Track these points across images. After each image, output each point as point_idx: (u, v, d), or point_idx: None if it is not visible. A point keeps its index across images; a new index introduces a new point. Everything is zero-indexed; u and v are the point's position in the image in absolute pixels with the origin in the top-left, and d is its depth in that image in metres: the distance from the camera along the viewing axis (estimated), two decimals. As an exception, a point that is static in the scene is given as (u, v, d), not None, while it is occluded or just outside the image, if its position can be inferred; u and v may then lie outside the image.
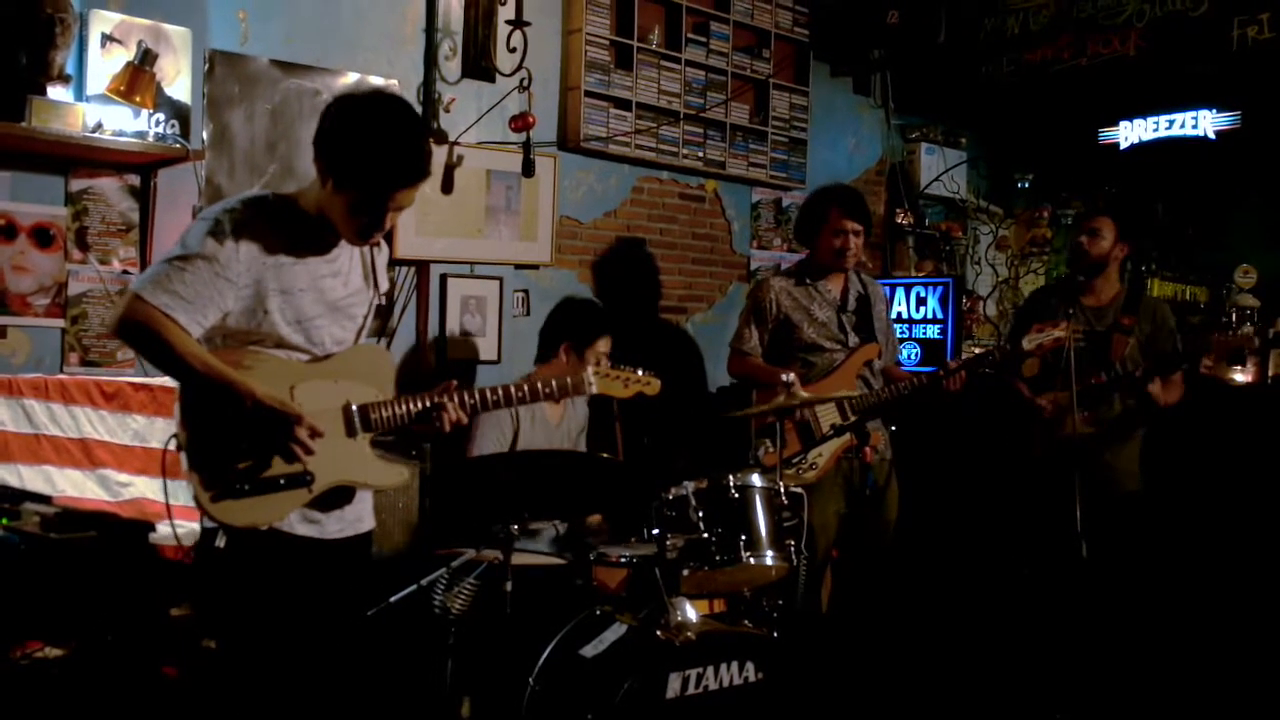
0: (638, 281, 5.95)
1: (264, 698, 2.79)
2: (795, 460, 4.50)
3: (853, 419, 4.48)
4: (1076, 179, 7.52)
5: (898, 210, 7.30)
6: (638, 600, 3.79)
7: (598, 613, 3.66)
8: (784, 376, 4.39)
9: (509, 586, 3.49)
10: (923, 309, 6.56)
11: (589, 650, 3.50)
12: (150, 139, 4.09)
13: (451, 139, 4.98)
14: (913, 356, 6.47)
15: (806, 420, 4.60)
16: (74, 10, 3.96)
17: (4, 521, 3.16)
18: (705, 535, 3.81)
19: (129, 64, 4.11)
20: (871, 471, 4.44)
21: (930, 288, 6.60)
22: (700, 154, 6.13)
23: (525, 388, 3.16)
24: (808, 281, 4.79)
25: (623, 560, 3.88)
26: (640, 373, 3.45)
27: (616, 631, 3.54)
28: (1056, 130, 7.44)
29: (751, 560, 3.85)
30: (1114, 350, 4.68)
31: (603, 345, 4.42)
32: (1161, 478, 4.85)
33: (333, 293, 2.82)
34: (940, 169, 7.34)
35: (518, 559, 3.59)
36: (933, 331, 6.50)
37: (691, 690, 3.45)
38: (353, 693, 2.91)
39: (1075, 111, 7.28)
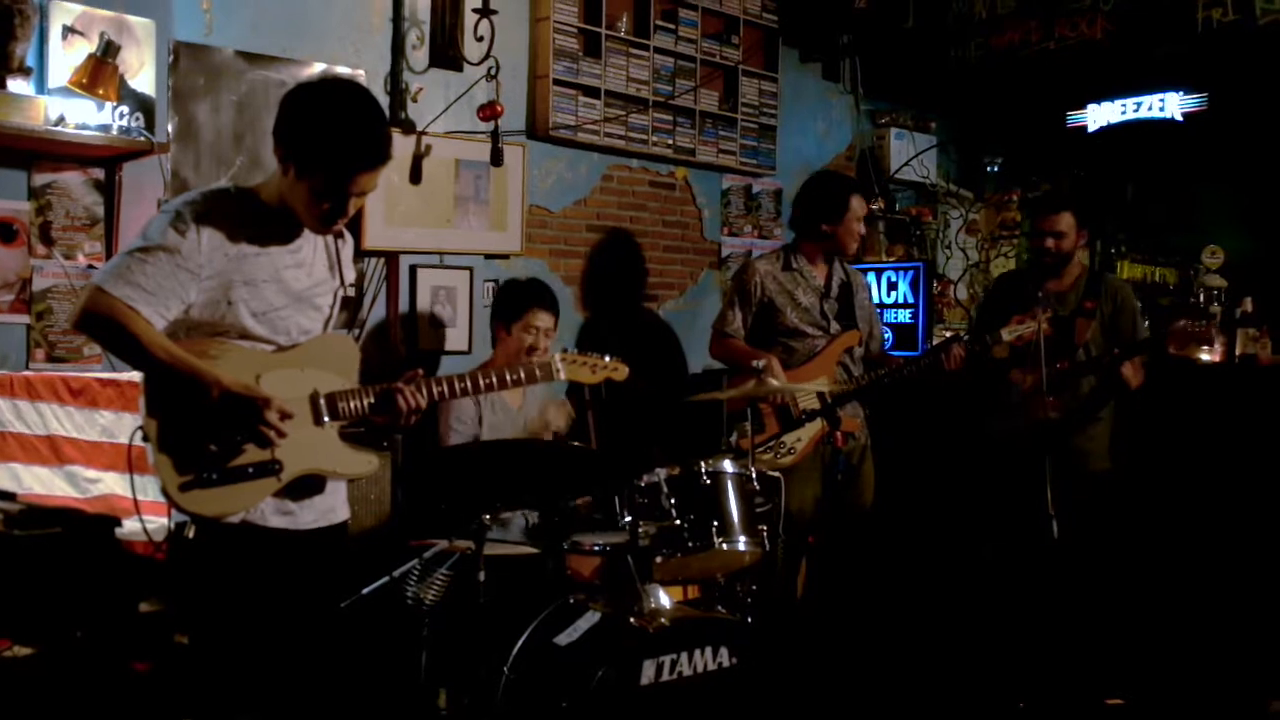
0: (609, 270, 5.94)
1: (237, 692, 2.78)
2: (772, 444, 4.51)
3: (825, 405, 4.49)
4: (1045, 162, 7.55)
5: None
6: (611, 588, 3.80)
7: (571, 601, 3.66)
8: (755, 363, 4.40)
9: (482, 576, 3.49)
10: (894, 294, 6.58)
11: (563, 639, 3.51)
12: (114, 132, 4.05)
13: (419, 129, 4.96)
14: (884, 341, 6.49)
15: (786, 404, 4.61)
16: (33, 2, 3.92)
17: (-31, 520, 3.15)
18: (678, 522, 3.82)
19: (91, 56, 4.07)
20: (843, 455, 4.45)
21: (901, 272, 6.61)
22: (670, 141, 6.11)
23: (493, 376, 3.15)
24: (794, 266, 4.80)
25: (595, 548, 3.89)
26: (607, 359, 3.46)
27: (590, 619, 3.55)
28: (1025, 114, 7.45)
29: (724, 546, 3.85)
30: (1078, 334, 4.72)
31: (537, 320, 4.42)
32: (1131, 457, 4.89)
33: (296, 283, 2.81)
34: (910, 154, 7.35)
35: (490, 549, 3.59)
36: (904, 316, 6.52)
37: (665, 677, 3.46)
38: (327, 686, 2.91)
39: (1043, 95, 7.30)
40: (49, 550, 3.09)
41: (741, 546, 3.89)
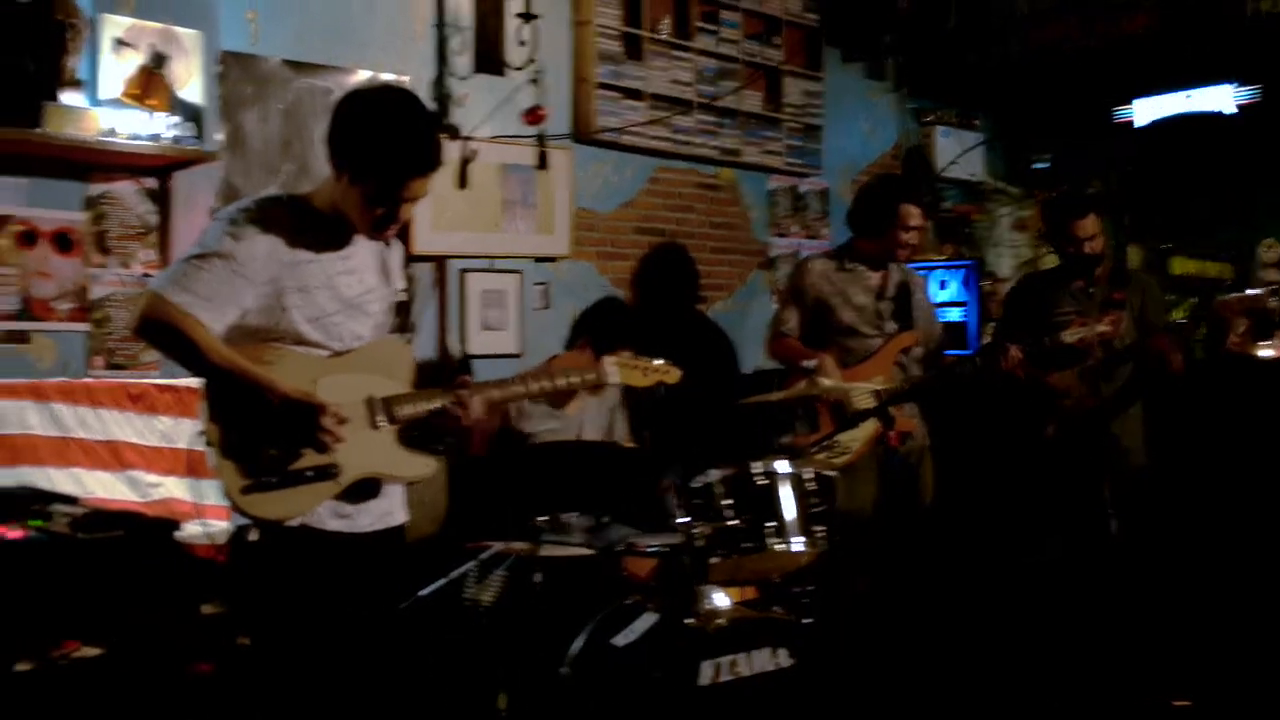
0: (657, 271, 5.93)
1: (297, 694, 2.79)
2: (827, 444, 4.48)
3: (878, 404, 4.46)
4: (1094, 158, 7.47)
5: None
6: (668, 589, 3.78)
7: (628, 602, 3.65)
8: (805, 363, 4.37)
9: (538, 578, 3.49)
10: (945, 292, 6.53)
11: (621, 639, 3.50)
12: (165, 142, 4.09)
13: (465, 134, 4.97)
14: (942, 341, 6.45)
15: (840, 404, 4.57)
16: (85, 15, 3.96)
17: (36, 523, 3.17)
18: (733, 523, 3.79)
19: (141, 67, 4.11)
20: (899, 455, 4.41)
21: (951, 271, 6.56)
22: (715, 143, 6.10)
23: (546, 382, 3.15)
24: (849, 266, 4.77)
25: (651, 550, 3.87)
26: (659, 362, 3.45)
27: (647, 620, 3.53)
28: (1071, 109, 7.38)
29: (779, 547, 3.82)
30: (1117, 325, 4.67)
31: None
32: (1181, 452, 4.84)
33: (348, 290, 2.82)
34: (956, 152, 7.30)
35: (546, 550, 3.58)
36: (955, 315, 6.47)
37: (724, 677, 3.45)
38: (387, 688, 2.90)
39: (1089, 90, 7.22)
40: (111, 553, 3.13)
41: (797, 547, 3.86)
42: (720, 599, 3.65)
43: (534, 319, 5.33)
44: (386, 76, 4.76)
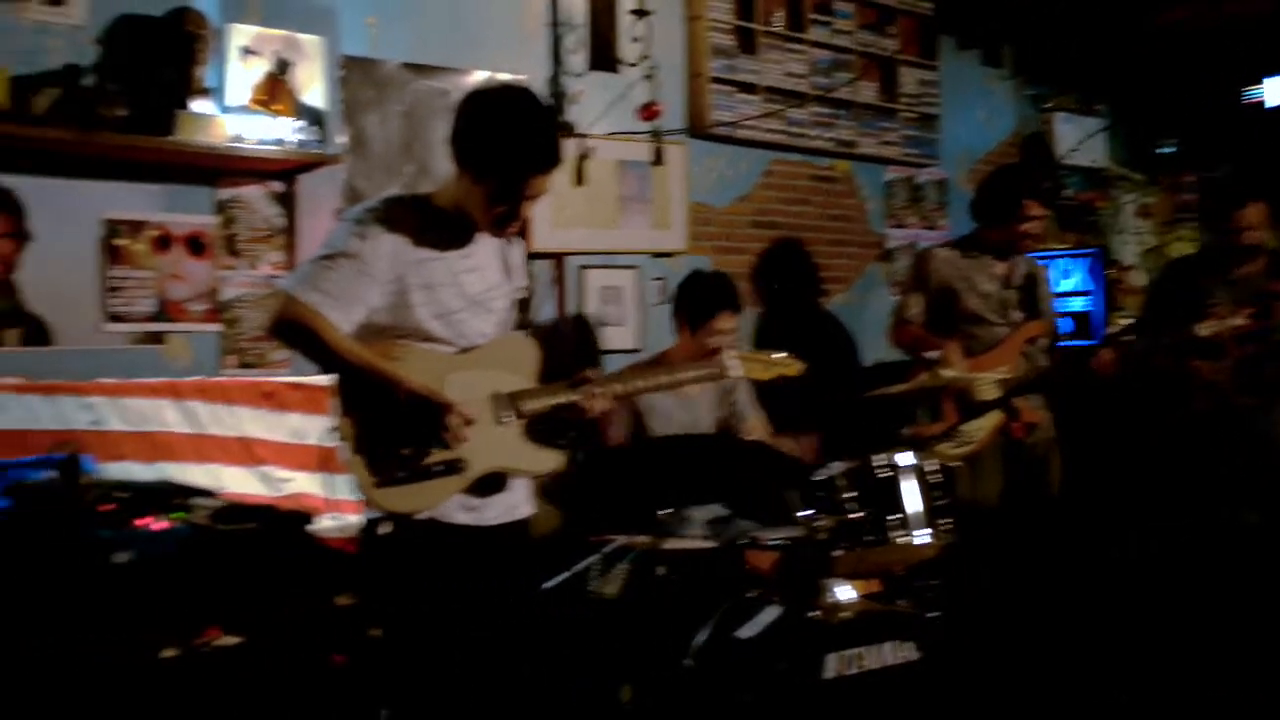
0: (774, 265, 5.91)
1: (429, 684, 2.83)
2: (950, 435, 4.42)
3: (1003, 394, 4.40)
4: (1222, 141, 7.25)
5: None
6: (791, 582, 3.76)
7: (751, 595, 3.64)
8: (929, 353, 4.32)
9: (662, 571, 3.49)
10: (1069, 281, 6.39)
11: (745, 632, 3.49)
12: (290, 146, 4.18)
13: (581, 131, 5.00)
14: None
15: (964, 394, 4.51)
16: (213, 26, 4.07)
17: (178, 515, 3.27)
18: (855, 516, 3.76)
19: (267, 74, 4.22)
20: (1025, 446, 4.35)
21: (1075, 260, 6.43)
22: (830, 135, 6.07)
23: (668, 376, 3.17)
24: (974, 254, 4.71)
25: (773, 543, 3.85)
26: (781, 355, 3.43)
27: (771, 613, 3.52)
28: (1197, 92, 7.18)
29: (902, 539, 3.78)
30: (1274, 316, 4.51)
31: (722, 323, 4.32)
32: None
33: (471, 287, 2.85)
34: (1078, 138, 7.15)
35: (669, 543, 3.59)
36: (1081, 304, 6.33)
37: (849, 671, 3.42)
38: (513, 679, 2.94)
39: (1215, 71, 7.02)
40: (248, 544, 3.21)
41: (921, 539, 3.81)
42: (844, 592, 3.62)
43: (651, 314, 5.34)
44: (503, 76, 4.80)
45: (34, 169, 3.86)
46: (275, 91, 4.22)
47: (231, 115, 4.09)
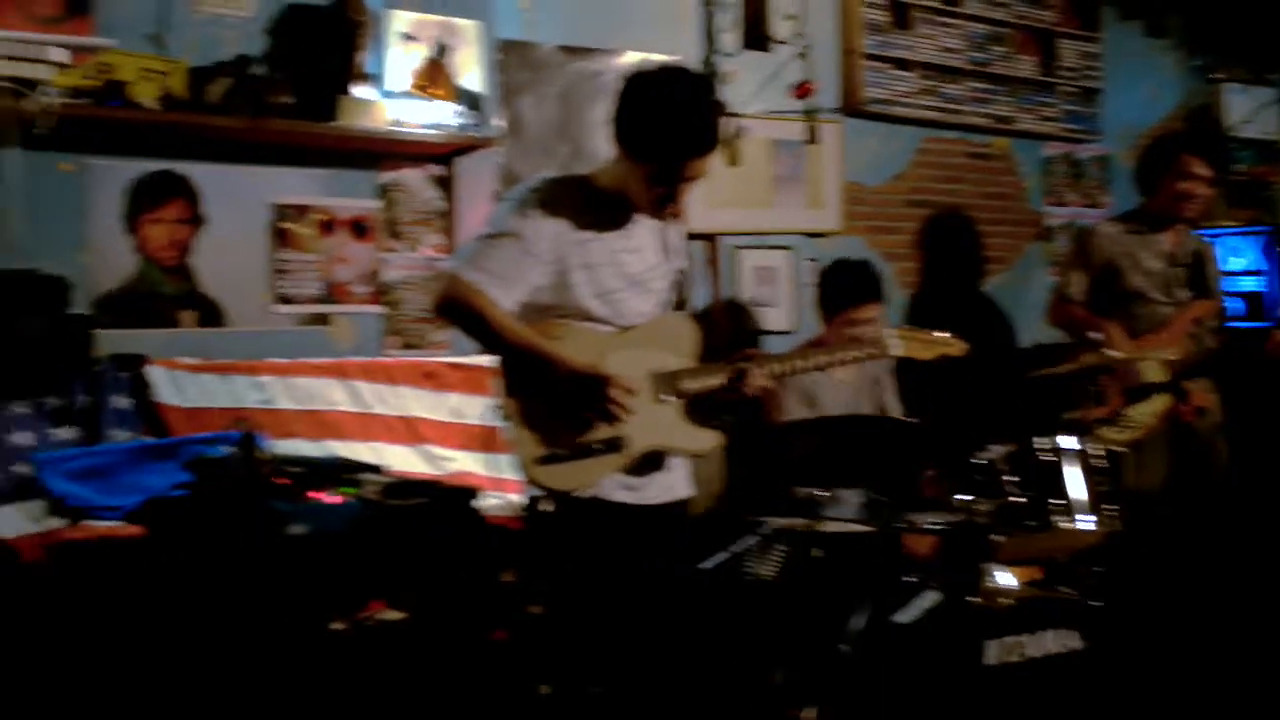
0: (929, 245, 5.82)
1: (588, 661, 2.86)
2: (1115, 419, 4.30)
3: (1171, 377, 4.26)
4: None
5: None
6: (949, 567, 3.70)
7: (909, 580, 3.59)
8: (1093, 334, 4.20)
9: (817, 553, 3.47)
10: (1240, 260, 6.14)
11: (902, 617, 3.44)
12: (449, 129, 4.26)
13: (734, 111, 4.98)
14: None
15: (1129, 376, 4.38)
16: (373, 13, 4.16)
17: (348, 490, 3.36)
18: (1017, 500, 3.68)
19: (426, 59, 4.30)
20: (1194, 431, 4.20)
21: (1247, 238, 6.17)
22: (987, 110, 5.93)
23: (828, 355, 3.15)
24: (1138, 229, 4.56)
25: (932, 527, 3.80)
26: (943, 334, 3.37)
27: (929, 598, 3.47)
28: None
29: (1066, 525, 3.69)
30: None
31: (864, 313, 4.25)
32: None
33: (631, 266, 2.86)
34: (1249, 110, 6.85)
35: (825, 526, 3.56)
36: (1252, 284, 6.08)
37: (1010, 658, 3.35)
38: (670, 659, 2.95)
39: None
40: (417, 519, 3.27)
41: (1085, 525, 3.71)
42: (1005, 578, 3.55)
43: (806, 295, 5.29)
44: (656, 57, 4.80)
45: (207, 156, 4.01)
46: (434, 76, 4.29)
47: (392, 100, 4.18)
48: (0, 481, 3.50)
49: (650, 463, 2.86)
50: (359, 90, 4.09)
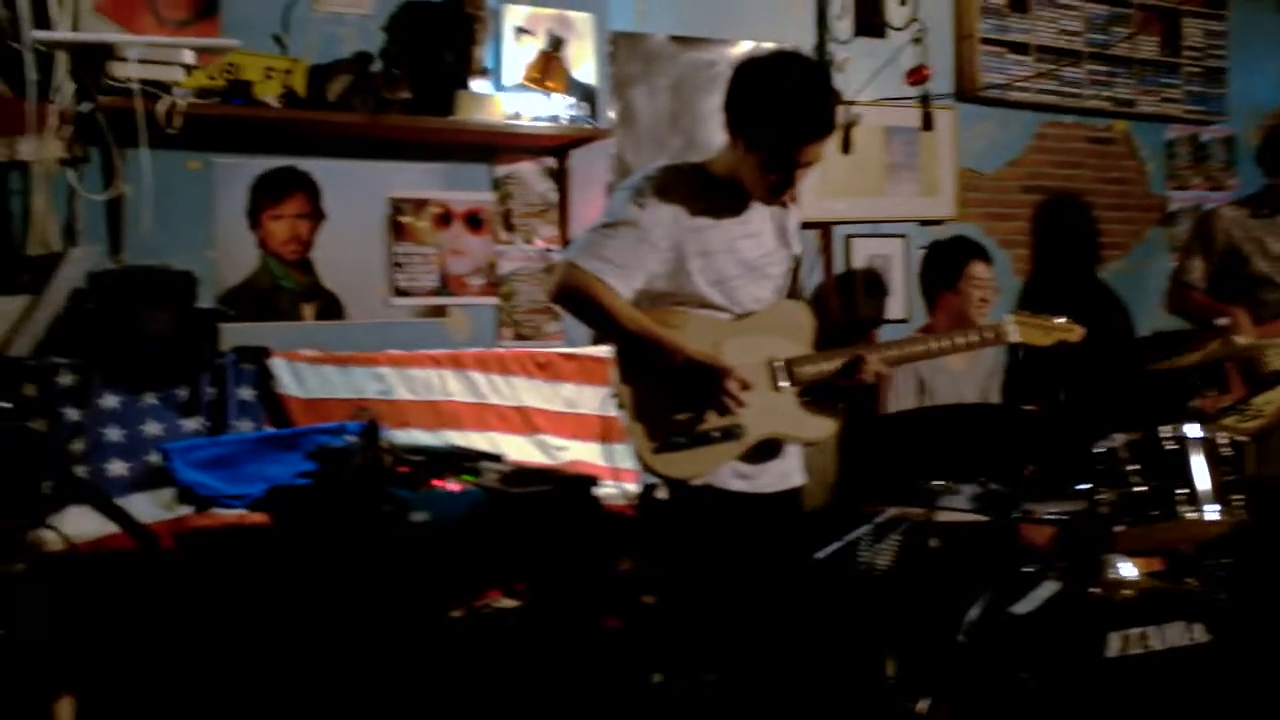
0: (1046, 232, 5.72)
1: (702, 649, 2.87)
2: (1239, 407, 4.19)
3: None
4: None
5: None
6: (1068, 558, 3.64)
7: (1027, 570, 3.54)
8: (1218, 321, 4.09)
9: (933, 543, 3.44)
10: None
11: (1020, 608, 3.40)
12: (563, 122, 4.29)
13: (847, 99, 4.94)
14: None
15: (1253, 364, 4.26)
16: (489, 7, 4.21)
17: (469, 478, 3.41)
18: (1139, 489, 3.60)
19: (540, 52, 4.33)
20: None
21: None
22: (1107, 94, 5.81)
23: (947, 339, 3.12)
24: (1265, 213, 4.43)
25: (1050, 517, 3.74)
26: (1062, 319, 3.32)
27: (1049, 589, 3.41)
28: None
29: (1191, 515, 3.60)
30: None
31: (977, 270, 4.28)
32: None
33: (748, 253, 2.86)
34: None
35: (941, 515, 3.53)
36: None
37: (1133, 651, 3.29)
38: (783, 648, 2.95)
39: None
40: (538, 506, 3.29)
41: (1211, 516, 3.62)
42: (1127, 569, 3.47)
43: (920, 283, 5.25)
44: (768, 46, 4.79)
45: (327, 152, 4.10)
46: (548, 69, 4.33)
47: (508, 94, 4.23)
48: (133, 470, 3.64)
49: (766, 451, 2.86)
50: (475, 84, 4.14)
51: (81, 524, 3.14)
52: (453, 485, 3.35)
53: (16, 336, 2.96)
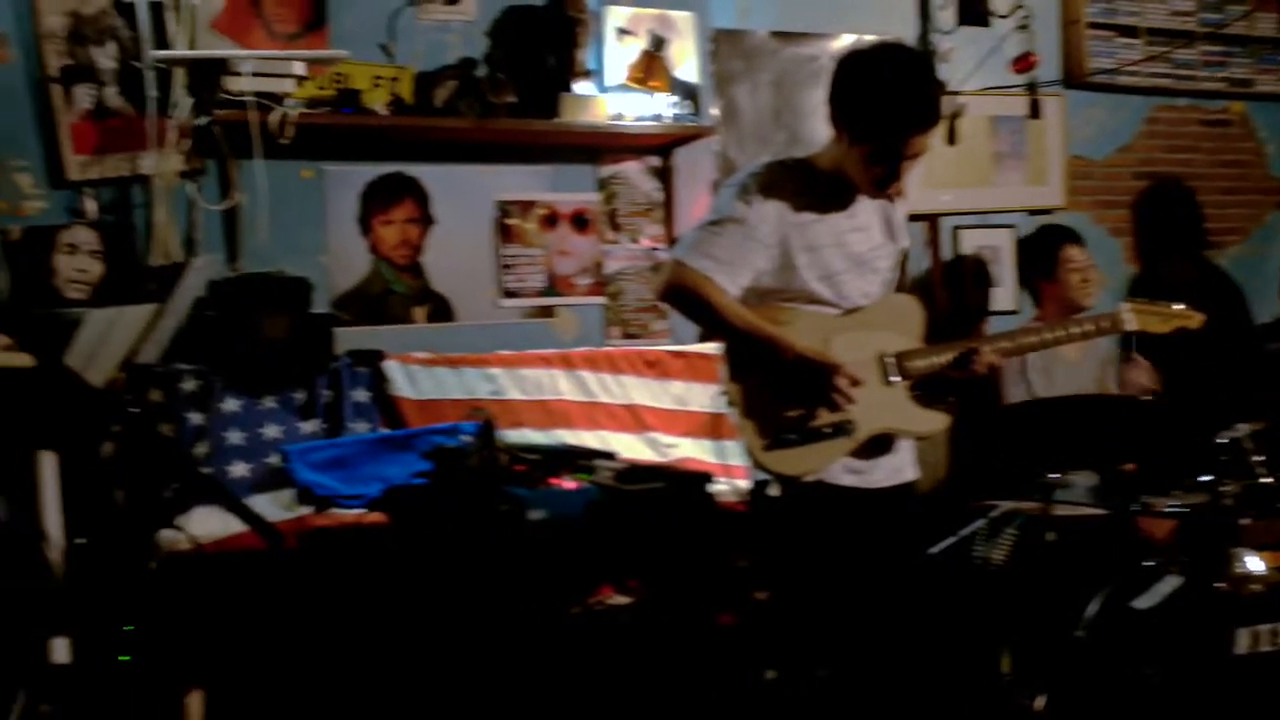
0: (1159, 218, 5.59)
1: (815, 645, 2.87)
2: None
3: None
4: None
5: None
6: (1191, 552, 3.56)
7: (1147, 564, 3.47)
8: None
9: (1051, 537, 3.38)
10: None
11: (1142, 603, 3.33)
12: (666, 121, 4.30)
13: (952, 89, 4.89)
14: None
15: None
16: (591, 9, 4.24)
17: (583, 476, 3.44)
18: (1265, 480, 3.51)
19: (642, 52, 4.35)
20: None
21: None
22: (1223, 74, 5.66)
23: (1060, 329, 3.06)
24: None
25: (1172, 510, 3.66)
26: (1179, 306, 3.25)
27: (1171, 584, 3.34)
28: None
29: (1320, 507, 3.50)
30: None
31: (1070, 254, 4.23)
32: None
33: (856, 247, 2.84)
34: None
35: (1057, 509, 3.47)
36: None
37: (1263, 647, 3.20)
38: (897, 643, 2.93)
39: None
40: (654, 503, 3.30)
41: (1342, 508, 3.52)
42: (1254, 563, 3.38)
43: (1020, 279, 5.18)
44: (870, 38, 4.76)
45: (435, 157, 4.17)
46: (651, 69, 4.35)
47: (611, 94, 4.26)
48: (253, 471, 3.74)
49: (877, 445, 2.84)
50: (579, 86, 4.18)
51: (206, 524, 3.24)
52: (568, 483, 3.38)
53: (144, 344, 3.06)
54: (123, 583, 2.87)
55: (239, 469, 3.71)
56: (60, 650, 2.45)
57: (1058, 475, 3.45)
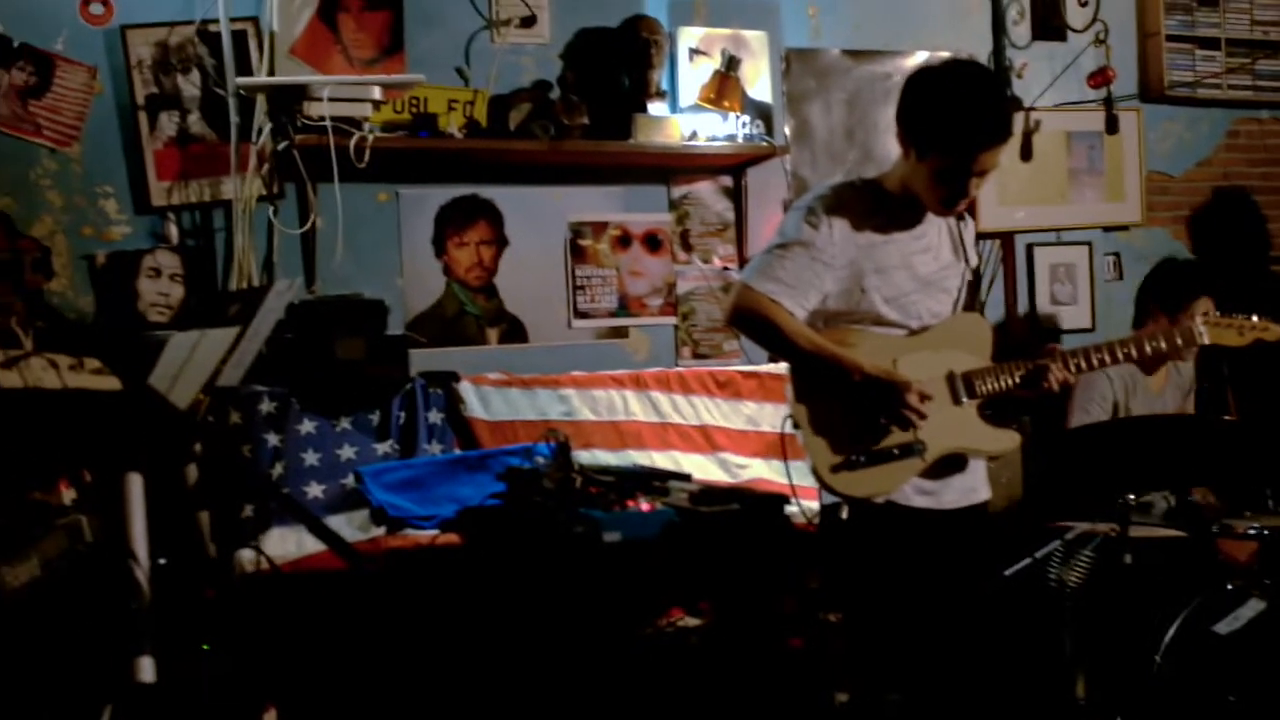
0: (1240, 234, 5.49)
1: (887, 668, 2.85)
2: None
3: None
4: None
5: None
6: (1274, 575, 3.49)
7: (1229, 588, 3.41)
8: None
9: (1128, 559, 3.33)
10: None
11: (1223, 627, 3.27)
12: (739, 141, 4.32)
13: (1027, 105, 4.85)
14: None
15: None
16: (664, 31, 4.27)
17: (658, 498, 3.44)
18: (1353, 502, 3.44)
19: (715, 73, 4.36)
20: None
21: None
22: (1307, 85, 5.56)
23: (1131, 345, 3.01)
24: None
25: (1253, 532, 3.59)
26: (1256, 318, 3.19)
27: (1254, 608, 3.28)
28: None
29: None
30: None
31: (1200, 308, 4.10)
32: None
33: (924, 268, 2.83)
34: None
35: (1134, 531, 3.42)
36: None
37: (1350, 674, 3.14)
38: (970, 666, 2.90)
39: None
40: (728, 526, 3.29)
41: None
42: (1342, 586, 3.32)
43: (1105, 291, 5.12)
44: (944, 54, 4.74)
45: (509, 179, 4.23)
46: (723, 89, 4.36)
47: (684, 115, 4.29)
48: (328, 492, 3.79)
49: (948, 466, 2.82)
50: (652, 107, 4.21)
51: (283, 545, 3.30)
52: (644, 505, 3.39)
53: (226, 367, 3.12)
54: (202, 602, 2.93)
55: (314, 490, 3.77)
56: (146, 669, 2.51)
57: (1134, 496, 3.40)
